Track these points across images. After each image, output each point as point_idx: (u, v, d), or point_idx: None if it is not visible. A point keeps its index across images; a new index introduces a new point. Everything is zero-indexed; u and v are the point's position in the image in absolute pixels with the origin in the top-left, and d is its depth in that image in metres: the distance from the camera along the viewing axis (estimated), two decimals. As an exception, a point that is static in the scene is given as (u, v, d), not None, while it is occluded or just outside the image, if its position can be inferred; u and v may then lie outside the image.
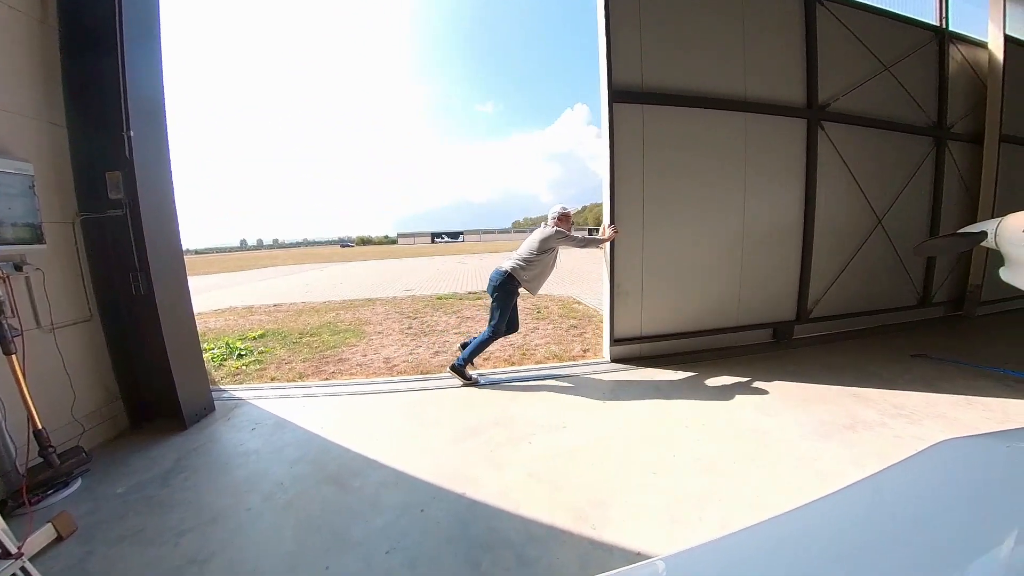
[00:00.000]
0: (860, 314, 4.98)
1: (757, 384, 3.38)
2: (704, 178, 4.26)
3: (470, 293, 8.52)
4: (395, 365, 4.14)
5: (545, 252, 3.47)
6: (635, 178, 3.95)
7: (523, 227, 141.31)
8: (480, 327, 5.50)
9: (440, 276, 13.00)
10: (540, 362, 3.91)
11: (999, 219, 3.38)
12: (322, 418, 2.81)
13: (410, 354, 4.52)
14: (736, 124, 4.36)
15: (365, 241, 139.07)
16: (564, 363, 3.93)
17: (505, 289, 3.37)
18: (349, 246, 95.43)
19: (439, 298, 8.07)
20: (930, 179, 5.21)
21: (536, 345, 4.58)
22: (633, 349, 3.99)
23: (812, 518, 0.53)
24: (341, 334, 5.50)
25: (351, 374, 3.92)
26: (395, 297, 8.64)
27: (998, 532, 0.48)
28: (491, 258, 20.85)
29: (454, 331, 5.41)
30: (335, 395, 3.28)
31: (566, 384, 3.36)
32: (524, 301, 7.19)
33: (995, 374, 3.45)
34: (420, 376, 3.75)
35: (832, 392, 3.19)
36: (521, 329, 5.07)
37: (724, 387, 3.34)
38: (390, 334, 5.41)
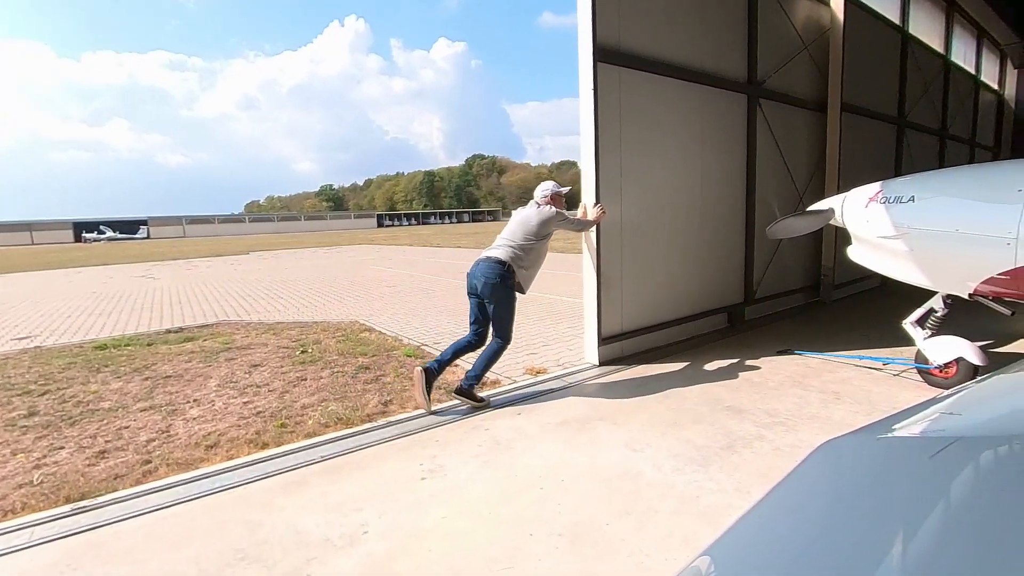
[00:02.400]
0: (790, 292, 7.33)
1: (623, 409, 3.82)
2: (671, 155, 5.56)
3: (171, 331, 7.09)
4: (3, 497, 2.99)
5: (545, 237, 4.11)
6: (613, 152, 4.94)
7: (265, 211, 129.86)
8: (202, 386, 4.59)
9: (92, 305, 10.29)
10: (311, 435, 3.66)
11: (843, 195, 4.70)
12: None
13: (37, 466, 3.35)
14: (694, 98, 5.74)
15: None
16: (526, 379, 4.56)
17: (507, 285, 3.93)
18: None
19: (99, 347, 6.43)
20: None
21: (303, 407, 4.10)
22: (615, 348, 5.14)
23: (707, 573, 0.63)
24: None
25: None
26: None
27: (887, 530, 0.64)
28: (218, 265, 17.29)
29: (140, 405, 4.31)
30: None
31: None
32: (277, 337, 6.69)
33: (853, 362, 4.68)
34: (70, 508, 2.80)
35: (704, 409, 3.86)
36: (277, 384, 4.74)
37: (578, 419, 3.65)
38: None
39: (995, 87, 13.98)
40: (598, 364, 4.96)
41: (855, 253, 4.54)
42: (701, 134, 5.85)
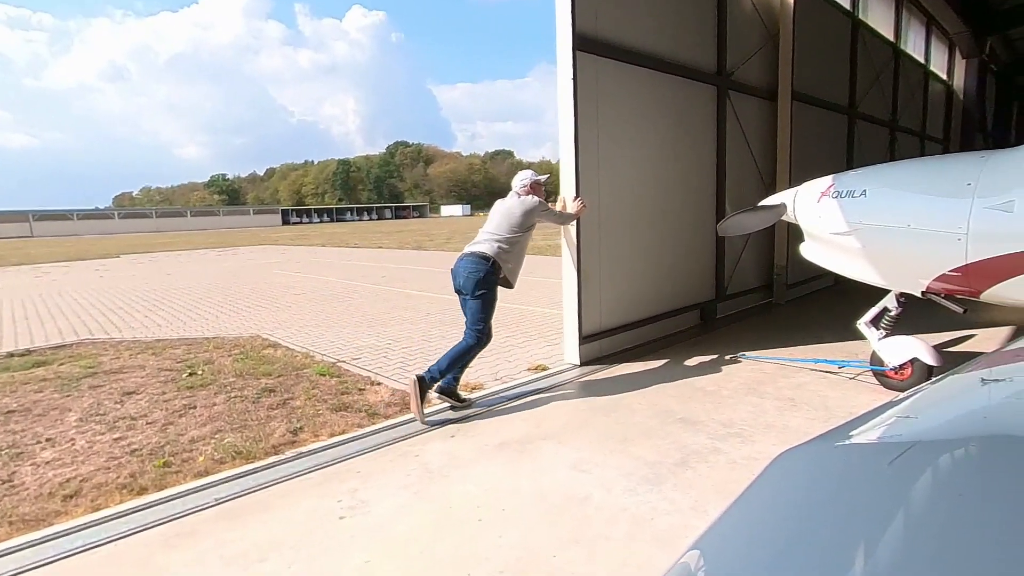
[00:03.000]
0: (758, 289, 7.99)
1: (570, 427, 3.89)
2: (647, 148, 6.04)
3: (13, 355, 6.44)
4: None
5: (529, 229, 4.43)
6: (591, 146, 5.32)
7: (141, 204, 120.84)
8: (57, 421, 4.26)
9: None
10: (202, 474, 3.49)
11: (795, 189, 5.01)
12: None
13: None
14: (667, 89, 6.23)
15: None
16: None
17: (491, 281, 4.21)
18: None
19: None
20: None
21: (192, 441, 3.93)
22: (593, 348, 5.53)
23: None
24: None
25: None
26: None
27: (850, 542, 0.68)
28: (79, 271, 15.69)
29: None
30: None
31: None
32: (157, 357, 6.37)
33: (808, 366, 5.01)
34: None
35: (654, 422, 3.99)
36: (158, 415, 4.52)
37: (518, 440, 3.69)
38: None
39: (944, 77, 15.37)
40: (579, 364, 5.34)
41: (808, 251, 4.84)
42: (676, 126, 6.34)
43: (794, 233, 6.28)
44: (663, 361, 5.47)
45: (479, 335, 4.20)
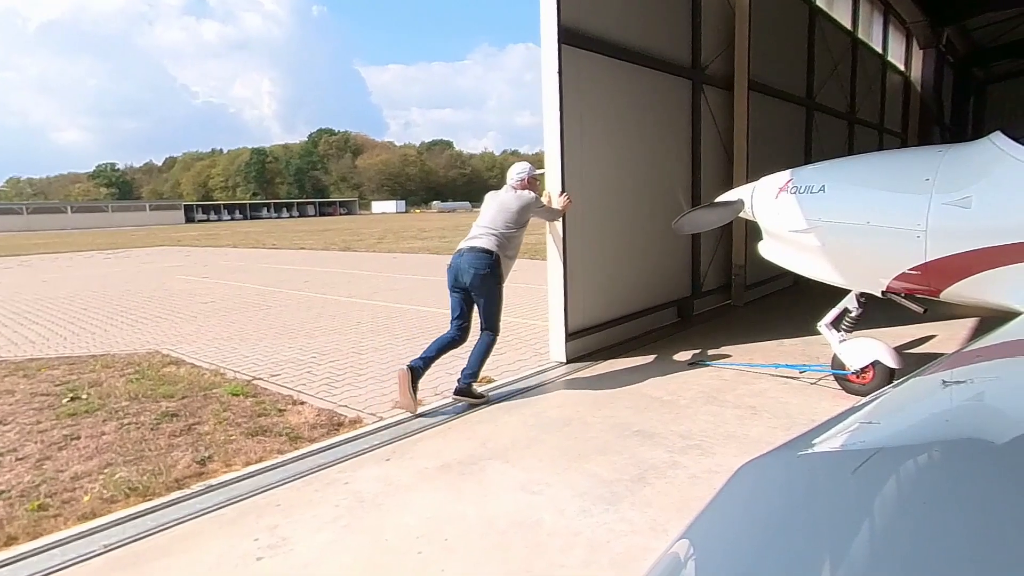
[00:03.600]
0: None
1: (518, 445, 3.93)
2: (628, 142, 6.58)
3: None
4: None
5: (524, 224, 4.87)
6: (575, 141, 5.76)
7: (7, 198, 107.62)
8: None
9: None
10: (87, 516, 3.35)
11: (752, 184, 5.21)
12: None
13: None
14: (645, 84, 6.70)
15: None
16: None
17: (497, 275, 4.65)
18: None
19: None
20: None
21: (74, 478, 3.79)
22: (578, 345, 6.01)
23: None
24: None
25: None
26: None
27: (816, 555, 0.72)
28: None
29: None
30: None
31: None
32: (29, 380, 6.05)
33: (769, 371, 5.22)
34: None
35: (610, 436, 4.08)
36: (31, 449, 4.32)
37: (460, 461, 3.69)
38: None
39: (902, 68, 16.36)
40: (566, 361, 5.82)
41: (766, 249, 5.04)
42: (654, 121, 6.98)
43: (752, 231, 6.56)
44: (638, 361, 5.67)
45: (496, 328, 4.74)
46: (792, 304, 8.47)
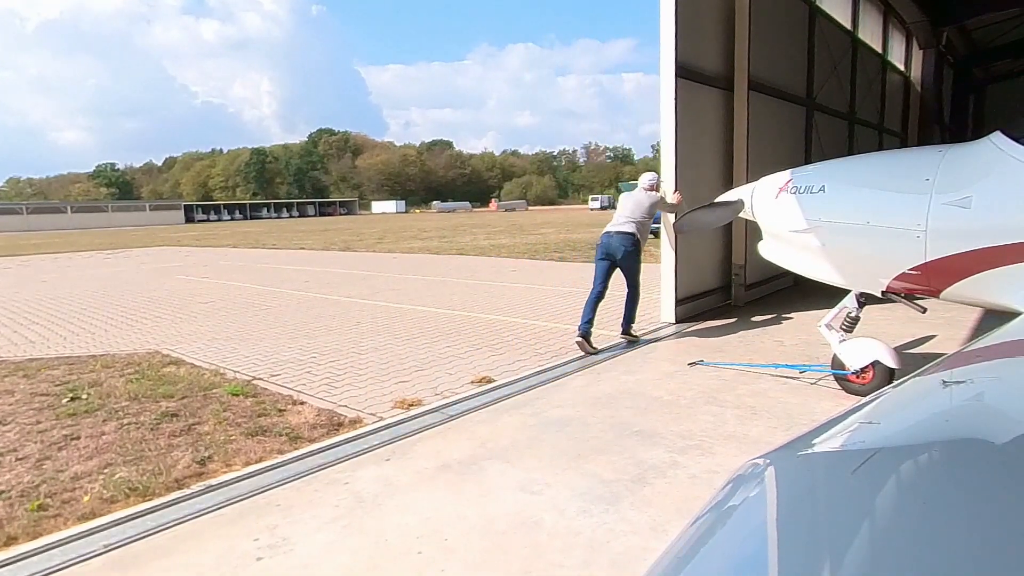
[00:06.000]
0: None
1: (519, 445, 3.93)
2: (702, 152, 8.12)
3: None
4: None
5: (651, 216, 6.61)
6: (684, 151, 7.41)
7: (7, 198, 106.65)
8: None
9: None
10: (87, 516, 3.36)
11: (753, 184, 5.21)
12: None
13: None
14: (719, 101, 8.34)
15: None
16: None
17: (639, 250, 6.47)
18: None
19: None
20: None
21: (74, 478, 3.80)
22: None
23: None
24: None
25: None
26: None
27: (816, 556, 0.72)
28: None
29: None
30: None
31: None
32: (29, 380, 6.06)
33: (768, 371, 5.22)
34: None
35: (610, 435, 4.09)
36: (31, 449, 4.32)
37: (461, 461, 3.67)
38: None
39: (902, 68, 16.36)
40: (675, 322, 7.42)
41: (766, 249, 5.05)
42: (719, 133, 8.35)
43: (752, 231, 6.57)
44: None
45: (638, 286, 6.50)
46: (792, 304, 8.47)
